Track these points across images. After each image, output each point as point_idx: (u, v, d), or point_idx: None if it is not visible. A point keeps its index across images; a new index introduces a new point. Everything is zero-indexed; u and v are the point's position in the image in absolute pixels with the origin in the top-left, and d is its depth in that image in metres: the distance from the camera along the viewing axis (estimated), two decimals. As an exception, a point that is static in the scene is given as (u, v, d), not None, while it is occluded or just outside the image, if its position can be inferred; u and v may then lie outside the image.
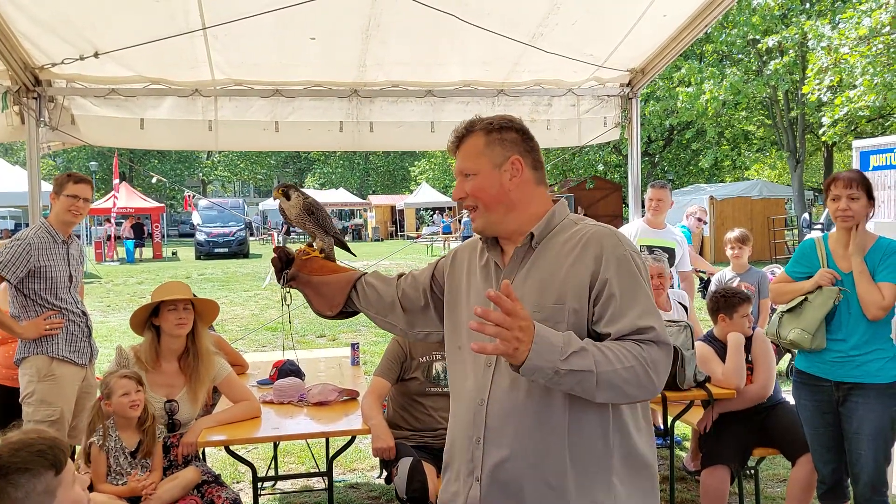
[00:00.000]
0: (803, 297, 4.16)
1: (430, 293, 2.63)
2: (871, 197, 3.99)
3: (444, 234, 37.30)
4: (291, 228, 39.51)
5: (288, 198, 2.98)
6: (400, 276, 2.74)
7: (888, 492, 4.11)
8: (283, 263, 2.82)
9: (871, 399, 3.96)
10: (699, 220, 8.62)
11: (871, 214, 4.06)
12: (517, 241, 2.35)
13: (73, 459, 2.23)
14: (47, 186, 8.33)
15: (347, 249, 3.10)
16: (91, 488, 3.79)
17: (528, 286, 2.26)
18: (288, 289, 2.85)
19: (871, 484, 4.00)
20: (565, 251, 2.26)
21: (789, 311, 4.22)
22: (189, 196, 39.23)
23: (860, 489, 4.05)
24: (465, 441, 2.34)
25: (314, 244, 2.99)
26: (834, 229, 4.20)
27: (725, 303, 4.89)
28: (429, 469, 4.14)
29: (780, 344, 4.43)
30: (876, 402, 3.96)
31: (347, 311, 2.77)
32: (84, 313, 5.07)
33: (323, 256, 2.91)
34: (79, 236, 5.27)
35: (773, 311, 4.55)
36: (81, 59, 5.58)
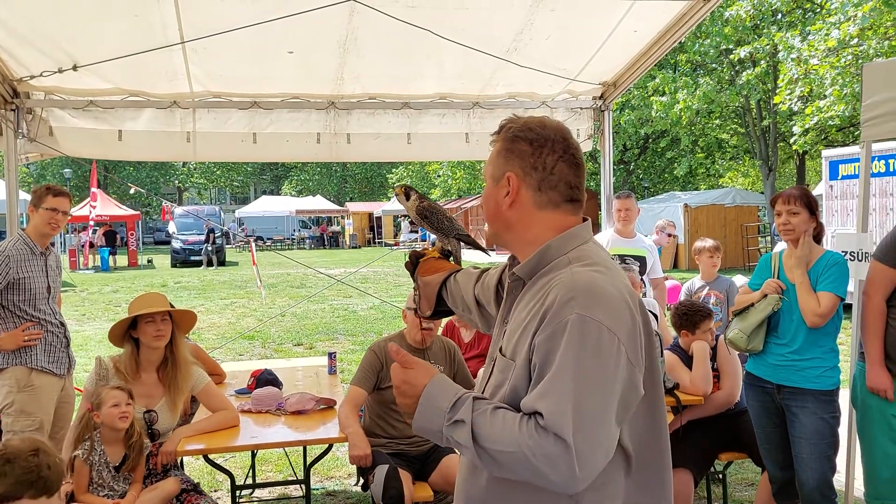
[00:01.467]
0: (751, 303, 4.43)
1: (496, 294, 2.37)
2: (812, 212, 4.27)
3: (422, 241, 37.30)
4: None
5: (407, 198, 2.94)
6: (482, 272, 2.53)
7: (836, 499, 4.25)
8: (414, 266, 2.78)
9: (810, 404, 4.18)
10: (669, 235, 8.65)
11: (819, 230, 4.31)
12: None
13: None
14: (24, 195, 8.36)
15: (479, 247, 2.96)
16: (72, 498, 3.85)
17: (510, 329, 2.00)
18: (417, 291, 2.77)
19: (817, 489, 4.16)
20: (536, 299, 1.92)
21: (737, 314, 4.51)
22: (167, 207, 39.02)
23: (807, 494, 4.21)
24: None
25: (435, 245, 2.95)
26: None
27: (687, 321, 5.04)
28: (405, 476, 4.22)
29: (726, 344, 4.68)
30: (814, 408, 4.17)
31: (442, 310, 2.66)
32: (62, 324, 5.11)
33: (439, 257, 2.83)
34: (53, 244, 5.29)
35: (730, 321, 4.73)
36: (60, 71, 5.64)
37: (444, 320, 5.71)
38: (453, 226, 2.85)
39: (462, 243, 2.86)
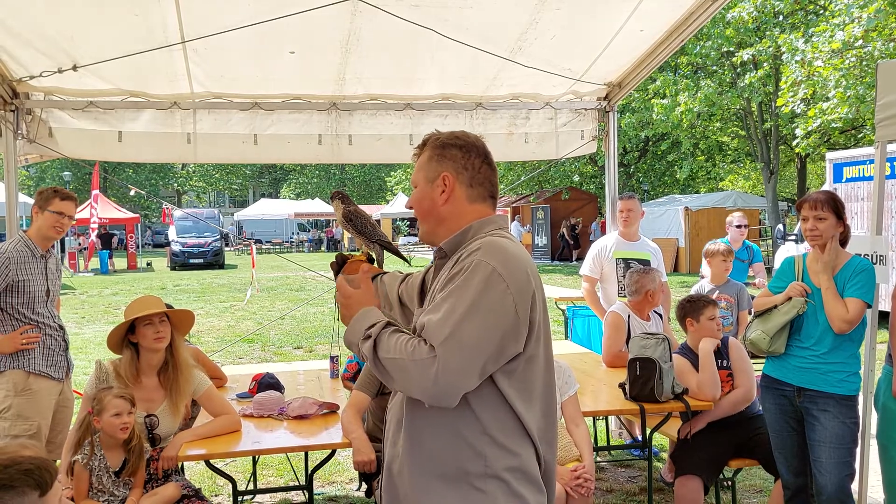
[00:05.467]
0: (774, 305, 4.38)
1: (420, 292, 2.72)
2: (839, 217, 4.21)
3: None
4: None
5: (334, 202, 3.19)
6: (406, 276, 2.87)
7: None
8: (340, 266, 2.98)
9: (831, 408, 4.15)
10: (738, 227, 8.09)
11: (845, 233, 4.26)
12: None
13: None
14: (23, 198, 8.32)
15: (399, 255, 3.21)
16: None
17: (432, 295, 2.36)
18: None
19: (835, 495, 4.10)
20: (452, 261, 2.32)
21: (759, 315, 4.47)
22: (167, 209, 38.98)
23: (824, 500, 4.14)
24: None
25: (361, 250, 3.14)
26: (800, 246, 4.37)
27: (692, 307, 4.97)
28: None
29: (745, 346, 4.64)
30: (836, 412, 4.14)
31: None
32: (61, 327, 5.04)
33: (372, 262, 3.06)
34: (53, 247, 5.23)
35: (750, 323, 4.65)
36: (60, 71, 5.57)
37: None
38: (376, 232, 3.12)
39: (384, 250, 3.13)
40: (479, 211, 2.42)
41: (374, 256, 3.11)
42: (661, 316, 5.97)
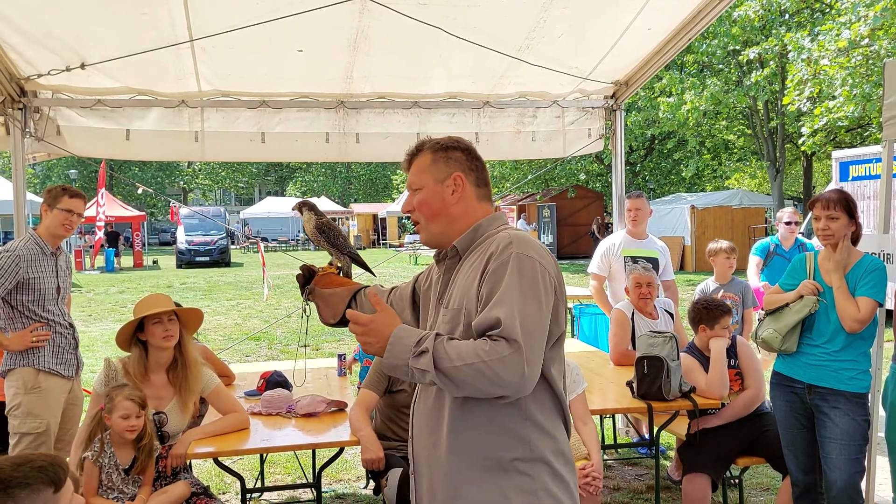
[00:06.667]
0: (785, 304, 4.39)
1: (412, 305, 2.81)
2: (851, 216, 4.21)
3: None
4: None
5: (302, 214, 3.23)
6: (392, 288, 2.92)
7: (862, 503, 4.19)
8: (306, 279, 3.03)
9: (842, 405, 4.16)
10: (787, 223, 7.65)
11: (857, 232, 4.26)
12: None
13: None
14: (30, 196, 8.36)
15: (366, 268, 3.26)
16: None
17: (453, 294, 2.42)
18: (307, 302, 3.06)
19: (845, 492, 4.10)
20: (475, 258, 2.39)
21: (770, 314, 4.47)
22: (175, 207, 39.04)
23: (833, 497, 4.14)
24: (409, 438, 2.59)
25: (332, 262, 3.17)
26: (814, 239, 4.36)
27: (708, 314, 4.94)
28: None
29: (757, 344, 4.63)
30: (846, 409, 4.15)
31: (347, 320, 2.90)
32: (71, 325, 5.05)
33: (339, 273, 3.10)
34: (62, 244, 5.24)
35: (761, 321, 4.65)
36: (68, 70, 5.59)
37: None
38: (347, 244, 3.18)
39: (352, 262, 3.20)
40: (485, 209, 2.53)
41: (343, 268, 3.15)
42: (671, 315, 5.96)
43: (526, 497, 2.29)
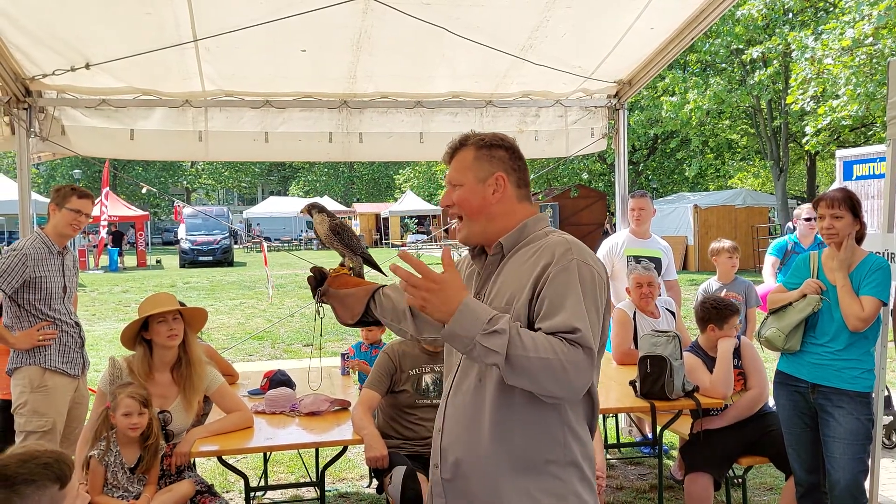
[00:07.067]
0: (789, 302, 4.39)
1: None
2: (856, 215, 4.22)
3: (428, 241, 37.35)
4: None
5: (310, 215, 3.20)
6: None
7: (866, 502, 4.20)
8: (318, 281, 3.01)
9: (845, 404, 4.17)
10: (807, 220, 7.34)
11: (861, 231, 4.28)
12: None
13: None
14: (35, 196, 8.37)
15: (377, 268, 3.23)
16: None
17: (496, 291, 2.42)
18: (321, 304, 3.05)
19: (848, 490, 4.11)
20: (524, 259, 2.39)
21: (773, 313, 4.47)
22: (179, 206, 39.10)
23: (837, 496, 4.15)
24: (435, 431, 2.56)
25: (345, 262, 3.15)
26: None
27: (717, 314, 4.95)
28: (421, 478, 4.17)
29: (760, 343, 4.63)
30: (850, 408, 4.16)
31: (366, 320, 2.96)
32: (77, 324, 5.07)
33: (352, 274, 3.09)
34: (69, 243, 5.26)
35: (765, 320, 4.65)
36: (72, 70, 5.60)
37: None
38: (360, 244, 3.17)
39: (364, 262, 3.18)
40: (526, 209, 2.53)
41: (355, 269, 3.14)
42: (673, 314, 5.97)
43: (556, 500, 2.32)
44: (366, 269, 3.21)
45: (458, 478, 2.43)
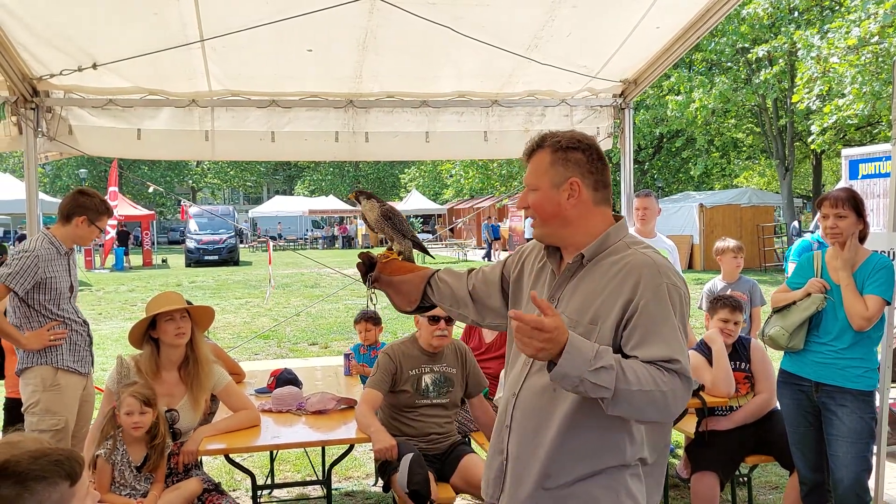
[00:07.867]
0: (793, 301, 4.40)
1: (500, 289, 2.78)
2: (860, 215, 4.23)
3: (493, 239, 37.23)
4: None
5: (359, 202, 3.18)
6: (470, 271, 2.90)
7: (870, 501, 4.21)
8: (367, 267, 2.98)
9: (849, 403, 4.18)
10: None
11: (865, 230, 4.27)
12: (573, 253, 2.47)
13: None
14: (41, 195, 8.40)
15: (426, 251, 3.25)
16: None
17: (573, 300, 2.42)
18: (372, 290, 3.02)
19: (852, 489, 4.12)
20: (610, 274, 2.36)
21: (777, 311, 4.49)
22: (186, 205, 39.19)
23: (840, 494, 4.16)
24: (499, 424, 2.58)
25: (393, 247, 3.13)
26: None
27: (711, 304, 5.13)
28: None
29: (763, 342, 4.66)
30: (854, 407, 4.17)
31: (424, 306, 2.94)
32: (85, 322, 5.09)
33: (402, 259, 3.07)
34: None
35: (769, 319, 4.67)
36: (80, 70, 5.62)
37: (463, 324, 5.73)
38: (409, 228, 3.13)
39: (413, 246, 3.15)
40: (603, 213, 2.49)
41: (405, 253, 3.11)
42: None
43: (611, 497, 2.36)
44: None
45: (514, 466, 2.48)
